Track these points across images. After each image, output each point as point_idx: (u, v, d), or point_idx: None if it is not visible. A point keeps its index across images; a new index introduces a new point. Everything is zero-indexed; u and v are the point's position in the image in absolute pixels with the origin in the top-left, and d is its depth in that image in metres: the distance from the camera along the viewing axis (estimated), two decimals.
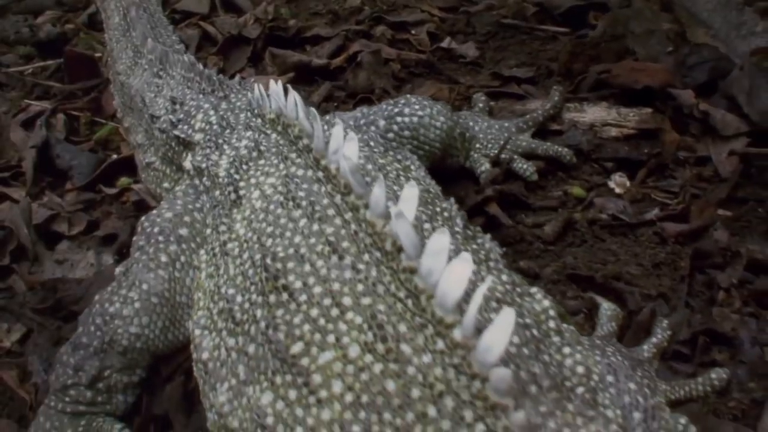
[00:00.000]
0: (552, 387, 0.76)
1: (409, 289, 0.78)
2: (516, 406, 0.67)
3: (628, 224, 1.52)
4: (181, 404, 1.23)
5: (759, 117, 1.72)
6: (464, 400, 0.70)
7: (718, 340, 1.26)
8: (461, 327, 0.71)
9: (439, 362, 0.73)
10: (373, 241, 0.86)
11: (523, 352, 0.79)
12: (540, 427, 0.71)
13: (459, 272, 0.73)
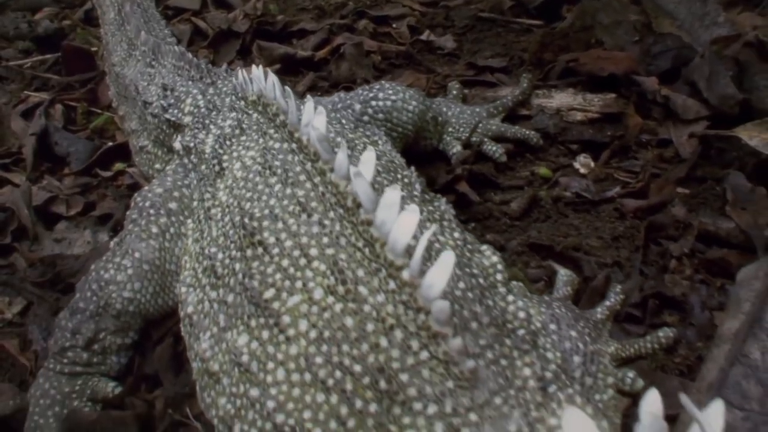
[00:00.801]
0: (492, 325, 0.87)
1: (366, 239, 0.89)
2: (454, 334, 0.78)
3: (591, 201, 1.62)
4: (170, 364, 1.33)
5: (718, 101, 1.83)
6: (411, 332, 0.81)
7: (668, 304, 1.36)
8: (409, 268, 0.82)
9: (390, 300, 0.84)
10: (337, 200, 0.96)
11: (467, 296, 0.89)
12: (478, 356, 0.81)
13: (407, 222, 0.83)
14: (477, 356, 0.80)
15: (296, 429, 0.84)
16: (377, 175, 1.10)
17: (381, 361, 0.80)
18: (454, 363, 0.77)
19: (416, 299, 0.80)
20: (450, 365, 0.77)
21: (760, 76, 1.94)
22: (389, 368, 0.79)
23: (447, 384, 0.77)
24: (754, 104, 1.85)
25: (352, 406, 0.80)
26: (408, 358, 0.80)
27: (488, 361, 0.81)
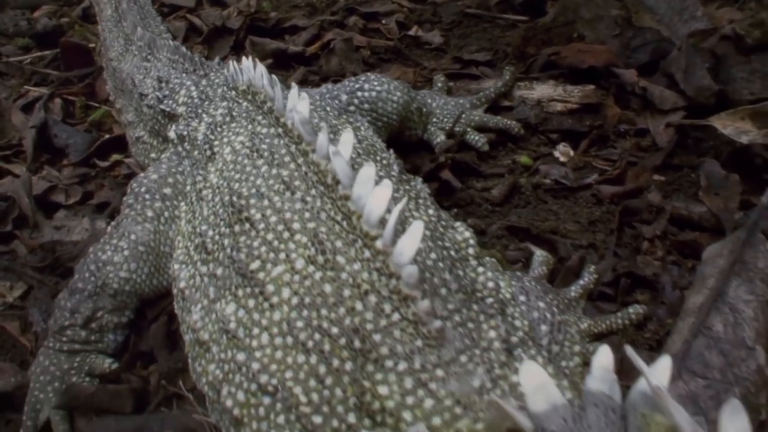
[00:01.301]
0: (460, 291, 0.93)
1: (344, 213, 0.96)
2: (423, 297, 0.84)
3: (569, 188, 1.68)
4: (164, 341, 1.40)
5: (694, 92, 1.89)
6: (384, 296, 0.87)
7: (640, 283, 1.43)
8: (382, 238, 0.88)
9: (365, 268, 0.90)
10: (318, 178, 1.03)
11: (438, 265, 0.96)
12: (446, 318, 0.87)
13: (381, 195, 0.90)
14: (445, 318, 0.87)
15: (279, 388, 0.90)
16: (357, 156, 1.17)
17: (356, 323, 0.87)
18: (422, 323, 0.83)
19: (388, 266, 0.87)
20: (419, 325, 0.84)
21: (737, 68, 2.01)
22: (363, 329, 0.86)
23: (416, 343, 0.83)
24: (730, 95, 1.92)
25: (329, 365, 0.87)
26: (381, 320, 0.86)
27: (455, 323, 0.87)
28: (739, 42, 2.15)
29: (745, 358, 1.15)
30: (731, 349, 1.15)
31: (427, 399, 0.80)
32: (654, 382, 0.66)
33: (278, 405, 0.90)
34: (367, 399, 0.82)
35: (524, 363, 0.74)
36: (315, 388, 0.87)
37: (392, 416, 0.80)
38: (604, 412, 0.69)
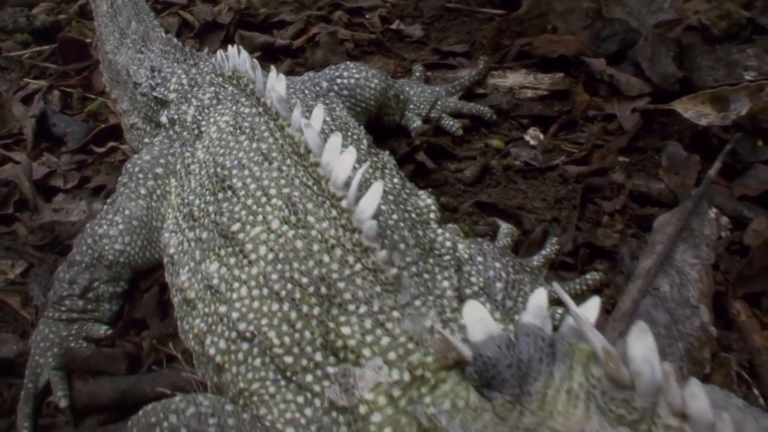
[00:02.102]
0: (417, 246, 1.04)
1: (314, 178, 1.06)
2: (381, 248, 0.95)
3: (538, 169, 1.79)
4: (156, 310, 1.50)
5: (659, 79, 2.00)
6: (348, 249, 0.98)
7: (599, 253, 1.53)
8: (346, 199, 0.99)
9: (332, 225, 1.01)
10: (293, 149, 1.14)
11: (399, 225, 1.07)
12: (403, 268, 0.98)
13: (346, 161, 1.01)
14: (402, 268, 0.97)
15: (255, 333, 1.01)
16: (330, 130, 1.27)
17: (323, 273, 0.98)
18: (380, 271, 0.94)
19: (351, 222, 0.98)
20: (378, 273, 0.94)
21: (702, 57, 2.12)
22: (329, 278, 0.97)
23: (375, 288, 0.94)
24: (694, 82, 2.03)
25: (299, 311, 0.98)
26: (345, 270, 0.97)
27: (411, 273, 0.98)
28: (705, 32, 2.27)
29: (690, 316, 1.26)
30: (676, 308, 1.26)
31: (384, 337, 0.91)
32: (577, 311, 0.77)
33: (255, 349, 1.01)
34: (332, 338, 0.93)
35: (468, 302, 0.85)
36: (287, 332, 0.98)
37: (353, 353, 0.91)
38: (534, 340, 0.80)
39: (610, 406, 0.71)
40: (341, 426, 0.90)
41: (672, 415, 0.68)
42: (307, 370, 0.95)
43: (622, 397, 0.70)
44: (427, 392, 0.84)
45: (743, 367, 1.34)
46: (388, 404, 0.86)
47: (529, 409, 0.76)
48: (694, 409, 0.66)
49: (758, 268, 1.44)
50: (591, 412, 0.72)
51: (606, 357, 0.70)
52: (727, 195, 1.66)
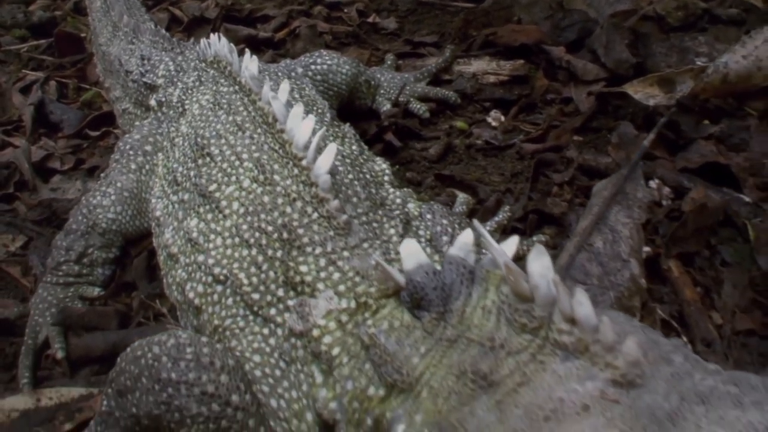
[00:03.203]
0: (368, 200, 1.19)
1: (280, 142, 1.22)
2: (334, 198, 1.10)
3: (497, 147, 1.95)
4: (145, 273, 1.65)
5: (614, 65, 2.16)
6: (306, 200, 1.13)
7: (548, 220, 1.68)
8: (306, 158, 1.14)
9: (294, 181, 1.16)
10: (263, 119, 1.29)
11: (353, 183, 1.22)
12: (354, 216, 1.13)
13: (306, 125, 1.16)
14: (353, 217, 1.13)
15: (228, 276, 1.16)
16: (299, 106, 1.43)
17: (285, 221, 1.13)
18: (333, 218, 1.09)
19: (310, 177, 1.13)
20: (331, 219, 1.10)
21: (657, 44, 2.29)
22: (291, 225, 1.12)
23: (329, 233, 1.09)
24: (649, 68, 2.19)
25: (265, 254, 1.13)
26: (304, 218, 1.12)
27: (361, 221, 1.13)
28: (661, 22, 2.43)
29: (621, 269, 1.41)
30: (608, 262, 1.41)
31: (336, 273, 1.06)
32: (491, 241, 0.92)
33: (227, 290, 1.16)
34: (292, 275, 1.08)
35: (404, 240, 1.00)
36: (254, 273, 1.13)
37: (309, 287, 1.06)
38: (457, 268, 0.95)
39: (515, 316, 0.86)
40: (299, 349, 1.05)
41: (564, 321, 0.82)
42: (271, 305, 1.10)
43: (524, 309, 0.85)
44: (370, 316, 0.99)
45: (673, 317, 1.50)
46: (338, 328, 1.01)
47: (450, 323, 0.91)
48: (581, 314, 0.81)
49: (692, 231, 1.60)
50: (501, 323, 0.87)
51: (508, 273, 0.86)
52: (670, 168, 1.81)
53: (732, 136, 1.86)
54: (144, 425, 1.12)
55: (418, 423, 0.88)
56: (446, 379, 0.87)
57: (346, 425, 0.96)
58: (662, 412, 0.74)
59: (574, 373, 0.81)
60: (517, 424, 0.78)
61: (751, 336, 1.46)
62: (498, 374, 0.83)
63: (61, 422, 1.35)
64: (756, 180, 1.78)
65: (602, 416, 0.75)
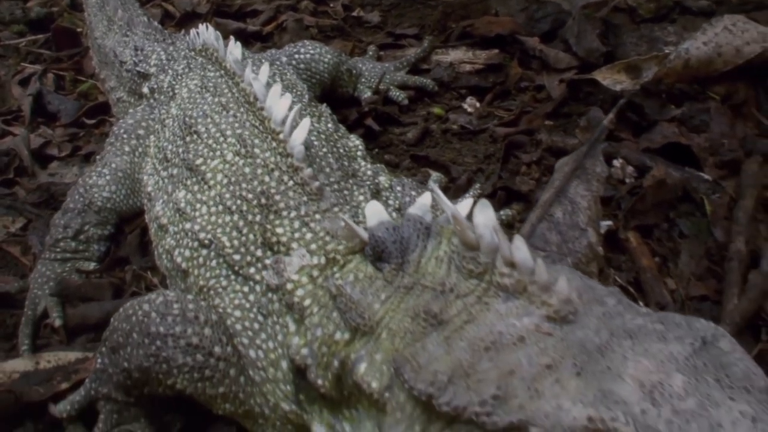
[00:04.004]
0: (340, 170, 1.30)
1: (260, 119, 1.33)
2: (308, 167, 1.21)
3: (472, 131, 2.05)
4: (138, 249, 1.76)
5: (585, 53, 2.27)
6: (283, 170, 1.24)
7: (517, 197, 1.79)
8: (283, 132, 1.25)
9: (273, 153, 1.27)
10: (245, 99, 1.40)
11: (327, 156, 1.33)
12: (326, 184, 1.24)
13: (283, 103, 1.27)
14: (325, 184, 1.23)
15: (212, 240, 1.27)
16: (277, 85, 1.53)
17: (264, 189, 1.24)
18: (306, 184, 1.20)
19: (286, 149, 1.24)
20: (305, 186, 1.21)
21: (628, 34, 2.40)
22: (269, 192, 1.23)
23: (303, 198, 1.20)
24: (619, 56, 2.30)
25: (245, 219, 1.24)
26: (281, 186, 1.23)
27: (333, 189, 1.24)
28: (633, 13, 2.54)
29: (578, 237, 1.52)
30: (567, 230, 1.52)
31: (308, 233, 1.16)
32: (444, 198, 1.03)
33: (212, 253, 1.27)
34: (269, 236, 1.19)
35: (369, 202, 1.11)
36: (236, 236, 1.24)
37: (284, 246, 1.17)
38: (414, 224, 1.06)
39: (463, 264, 0.96)
40: (275, 303, 1.15)
41: (505, 265, 0.93)
42: (251, 264, 1.21)
43: (471, 256, 0.96)
44: (338, 270, 1.10)
45: (630, 283, 1.61)
46: (309, 282, 1.11)
47: (408, 273, 1.02)
48: (519, 258, 0.91)
49: (651, 205, 1.71)
50: (451, 270, 0.98)
51: (456, 224, 0.96)
52: (633, 148, 1.92)
53: (693, 118, 1.96)
54: (135, 378, 1.23)
55: (378, 361, 0.98)
56: (403, 321, 0.98)
57: (315, 368, 1.07)
58: (592, 345, 0.84)
59: (513, 311, 0.91)
60: (462, 355, 0.88)
61: (704, 301, 1.57)
62: (447, 314, 0.94)
63: (58, 382, 1.45)
64: (715, 159, 1.89)
65: (536, 346, 0.86)
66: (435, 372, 0.88)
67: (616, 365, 0.80)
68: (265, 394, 1.16)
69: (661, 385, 0.78)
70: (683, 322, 0.90)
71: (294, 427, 1.17)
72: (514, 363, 0.85)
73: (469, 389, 0.85)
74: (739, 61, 2.01)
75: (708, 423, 0.75)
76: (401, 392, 0.93)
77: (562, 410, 0.79)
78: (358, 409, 1.05)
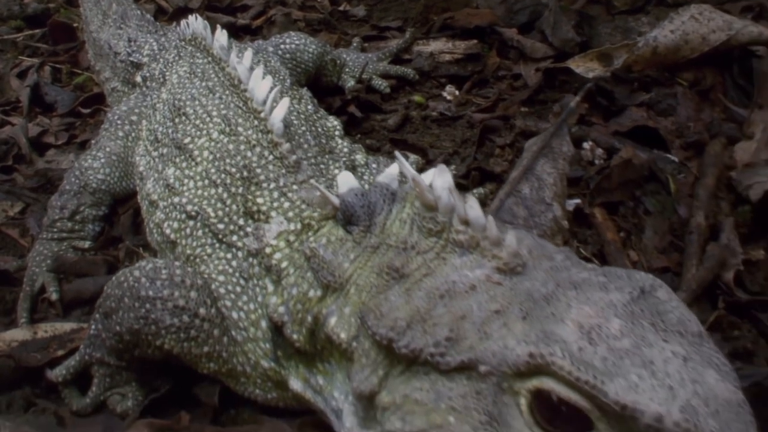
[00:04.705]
0: (317, 146, 1.39)
1: (243, 100, 1.43)
2: (286, 142, 1.31)
3: (451, 117, 2.15)
4: (131, 228, 1.85)
5: (560, 43, 2.37)
6: (264, 146, 1.34)
7: (490, 177, 1.88)
8: (264, 111, 1.35)
9: (254, 131, 1.37)
10: (230, 82, 1.50)
11: (306, 134, 1.42)
12: (303, 159, 1.33)
13: (264, 84, 1.37)
14: (302, 159, 1.33)
15: (198, 211, 1.36)
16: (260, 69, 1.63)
17: (246, 163, 1.33)
18: (285, 158, 1.30)
19: (266, 126, 1.33)
20: (283, 159, 1.30)
21: (603, 25, 2.50)
22: (250, 166, 1.32)
23: (281, 171, 1.30)
24: (593, 46, 2.39)
25: (229, 191, 1.33)
26: (261, 160, 1.33)
27: (310, 163, 1.34)
28: (608, 5, 2.64)
29: (544, 211, 1.62)
30: (533, 205, 1.62)
31: (286, 202, 1.26)
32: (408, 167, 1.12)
33: (198, 224, 1.36)
34: (250, 206, 1.28)
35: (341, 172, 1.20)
36: (220, 207, 1.33)
37: (264, 214, 1.26)
38: (381, 190, 1.15)
39: (423, 223, 1.06)
40: (255, 267, 1.25)
41: (460, 223, 1.02)
42: (233, 232, 1.30)
43: (430, 216, 1.05)
44: (312, 234, 1.19)
45: (594, 255, 1.70)
46: (286, 246, 1.21)
47: (374, 234, 1.11)
48: (472, 215, 1.01)
49: (617, 183, 1.80)
50: (413, 230, 1.07)
51: (416, 186, 1.06)
52: (603, 132, 2.02)
53: (660, 102, 2.06)
54: (126, 341, 1.32)
55: (347, 314, 1.08)
56: (369, 277, 1.07)
57: (291, 324, 1.16)
58: (539, 294, 0.93)
59: (467, 264, 1.00)
60: (419, 303, 0.97)
61: (666, 272, 1.66)
62: (408, 268, 1.03)
63: (54, 349, 1.54)
64: (681, 141, 1.99)
65: (486, 294, 0.95)
66: (395, 318, 0.97)
67: (560, 311, 0.89)
68: (247, 352, 1.25)
69: (599, 327, 0.86)
70: (624, 275, 0.98)
71: (273, 384, 1.26)
72: (465, 309, 0.93)
73: (425, 333, 0.94)
74: (706, 48, 2.10)
75: (641, 360, 0.83)
76: (366, 340, 1.02)
77: (507, 349, 0.87)
78: (331, 362, 1.14)
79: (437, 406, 0.91)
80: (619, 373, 0.81)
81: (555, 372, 0.83)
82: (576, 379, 0.81)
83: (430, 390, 0.93)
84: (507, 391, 0.87)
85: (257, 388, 1.29)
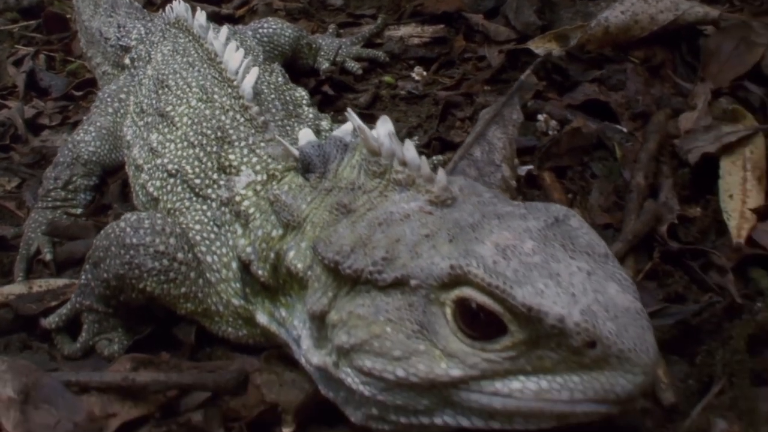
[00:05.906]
0: (284, 111, 1.56)
1: (219, 71, 1.59)
2: (255, 105, 1.47)
3: (418, 96, 2.31)
4: (119, 196, 2.01)
5: (522, 27, 2.52)
6: (236, 110, 1.51)
7: (450, 147, 2.03)
8: (236, 79, 1.51)
9: (228, 98, 1.54)
10: (208, 56, 1.67)
11: (275, 101, 1.59)
12: (271, 120, 1.49)
13: (237, 56, 1.54)
14: (270, 120, 1.49)
15: (178, 169, 1.52)
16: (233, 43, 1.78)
17: (220, 125, 1.50)
18: (254, 119, 1.46)
19: (238, 92, 1.50)
20: (252, 121, 1.46)
21: (564, 10, 2.65)
22: (224, 128, 1.49)
23: (251, 131, 1.46)
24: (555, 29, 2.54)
25: (205, 150, 1.49)
26: (234, 123, 1.49)
27: (277, 124, 1.50)
28: None
29: (494, 172, 1.77)
30: (484, 166, 1.77)
31: (254, 157, 1.42)
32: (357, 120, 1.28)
33: (178, 181, 1.52)
34: (222, 161, 1.44)
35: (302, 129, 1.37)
36: (197, 165, 1.50)
37: (235, 168, 1.42)
38: (335, 142, 1.32)
39: (369, 167, 1.21)
40: (226, 214, 1.40)
41: (399, 165, 1.18)
42: (208, 186, 1.46)
43: (374, 161, 1.20)
44: (276, 183, 1.35)
45: None
46: (254, 194, 1.37)
47: (328, 179, 1.27)
48: (408, 156, 1.16)
49: (566, 150, 1.96)
50: (361, 173, 1.23)
51: (361, 134, 1.22)
52: (557, 105, 2.18)
53: (611, 78, 2.22)
54: (112, 287, 1.46)
55: (303, 248, 1.23)
56: (322, 215, 1.23)
57: (257, 262, 1.32)
58: (465, 222, 1.08)
59: (404, 198, 1.16)
60: (362, 231, 1.13)
61: (608, 228, 1.80)
62: (354, 205, 1.19)
63: (48, 301, 1.69)
64: (630, 113, 2.14)
65: (419, 221, 1.10)
66: (341, 245, 1.12)
67: (482, 236, 1.04)
68: (220, 292, 1.40)
69: (513, 246, 1.01)
70: (543, 207, 1.14)
71: (243, 321, 1.41)
72: (400, 234, 1.09)
73: (365, 255, 1.09)
74: (654, 27, 2.26)
75: (548, 272, 0.98)
76: (318, 266, 1.17)
77: (434, 264, 1.02)
78: (291, 295, 1.29)
79: (376, 319, 1.06)
80: (527, 281, 0.96)
81: (471, 280, 0.97)
82: (488, 285, 0.96)
83: (371, 305, 1.07)
84: (434, 302, 1.02)
85: (229, 326, 1.43)
